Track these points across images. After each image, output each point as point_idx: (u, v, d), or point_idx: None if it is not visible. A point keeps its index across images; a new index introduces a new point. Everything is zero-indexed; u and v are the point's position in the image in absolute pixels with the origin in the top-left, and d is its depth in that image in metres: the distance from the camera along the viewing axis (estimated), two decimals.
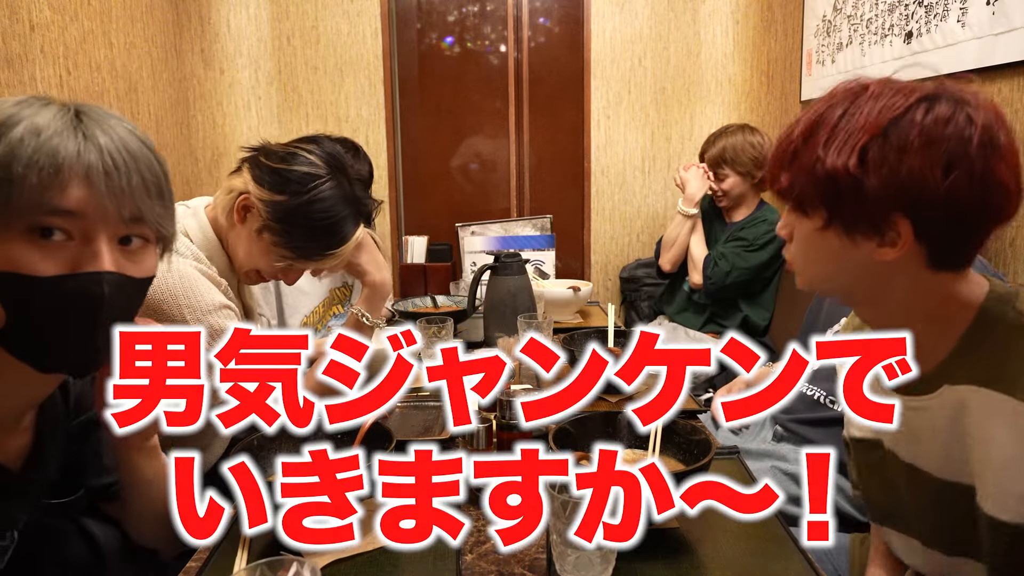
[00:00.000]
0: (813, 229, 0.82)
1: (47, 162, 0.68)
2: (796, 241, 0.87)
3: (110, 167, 0.71)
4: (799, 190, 0.80)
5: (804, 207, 0.82)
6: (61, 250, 0.71)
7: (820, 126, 0.81)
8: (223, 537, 0.95)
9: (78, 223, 0.71)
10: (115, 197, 0.72)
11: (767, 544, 0.93)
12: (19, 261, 0.69)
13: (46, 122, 0.70)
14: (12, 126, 0.69)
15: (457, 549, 0.91)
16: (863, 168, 0.75)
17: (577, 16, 3.24)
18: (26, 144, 0.68)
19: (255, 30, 3.15)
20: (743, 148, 2.47)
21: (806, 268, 0.87)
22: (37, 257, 0.69)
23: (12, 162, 0.68)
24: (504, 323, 1.83)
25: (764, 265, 2.44)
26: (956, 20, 1.71)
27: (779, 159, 0.84)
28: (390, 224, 3.33)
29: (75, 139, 0.70)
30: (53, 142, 0.69)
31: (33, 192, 0.68)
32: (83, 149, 0.70)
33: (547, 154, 3.37)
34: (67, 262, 0.71)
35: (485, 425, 1.04)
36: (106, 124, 0.74)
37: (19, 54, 1.81)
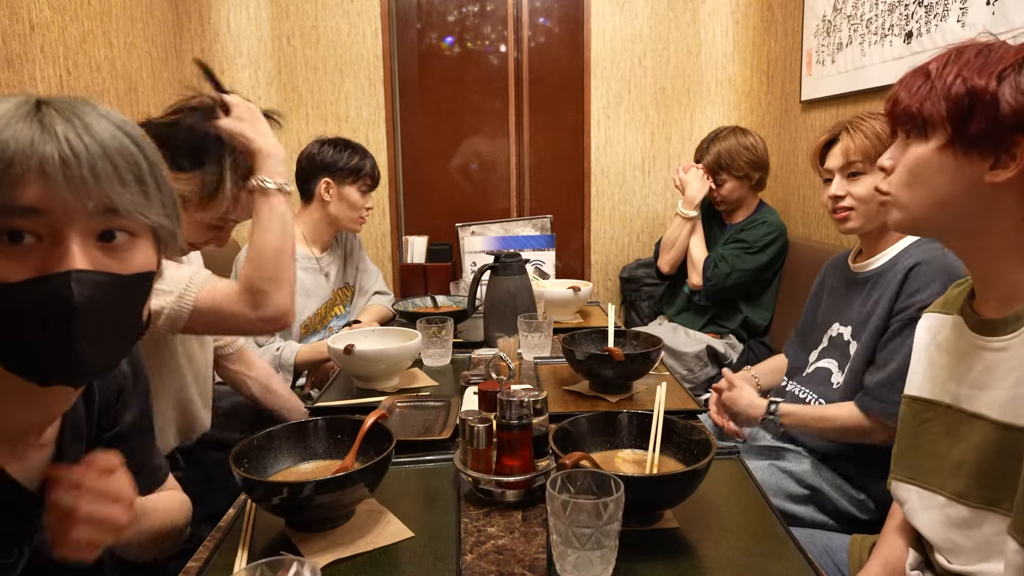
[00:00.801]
0: (931, 150, 0.88)
1: (10, 160, 0.63)
2: (903, 168, 0.92)
3: (68, 156, 0.64)
4: (929, 110, 0.87)
5: (927, 128, 0.88)
6: (31, 253, 0.65)
7: (957, 59, 0.88)
8: (223, 537, 0.95)
9: (43, 221, 0.65)
10: (77, 189, 0.65)
11: (767, 544, 0.93)
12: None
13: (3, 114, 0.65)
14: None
15: (457, 549, 0.91)
16: (1000, 87, 0.83)
17: (577, 16, 3.24)
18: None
19: (255, 30, 3.15)
20: (738, 152, 2.47)
21: (912, 195, 0.91)
22: (4, 262, 0.64)
23: None
24: (504, 323, 1.83)
25: (764, 267, 2.44)
26: (956, 20, 1.71)
27: (909, 86, 0.91)
28: (390, 224, 3.33)
29: (28, 130, 0.64)
30: (3, 136, 0.63)
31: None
32: (37, 140, 0.64)
33: (547, 154, 3.37)
34: (36, 265, 0.65)
35: (485, 425, 1.04)
36: (69, 112, 0.67)
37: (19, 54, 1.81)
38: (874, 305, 1.47)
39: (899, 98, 0.92)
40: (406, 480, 1.12)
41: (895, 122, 0.94)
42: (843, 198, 1.54)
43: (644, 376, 1.49)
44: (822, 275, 1.76)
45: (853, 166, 1.52)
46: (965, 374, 0.95)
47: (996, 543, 0.88)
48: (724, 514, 1.01)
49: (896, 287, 1.42)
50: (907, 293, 1.40)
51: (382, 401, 1.44)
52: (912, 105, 0.89)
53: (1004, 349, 0.89)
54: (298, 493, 0.88)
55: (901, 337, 1.39)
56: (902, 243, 1.51)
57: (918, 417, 1.03)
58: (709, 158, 2.51)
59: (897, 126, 0.94)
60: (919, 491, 1.00)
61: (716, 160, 2.49)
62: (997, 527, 0.88)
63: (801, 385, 1.65)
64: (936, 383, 1.00)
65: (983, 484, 0.90)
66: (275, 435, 1.05)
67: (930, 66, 0.90)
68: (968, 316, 0.96)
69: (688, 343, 2.44)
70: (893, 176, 0.94)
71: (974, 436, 0.92)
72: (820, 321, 1.69)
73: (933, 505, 0.97)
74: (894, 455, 1.07)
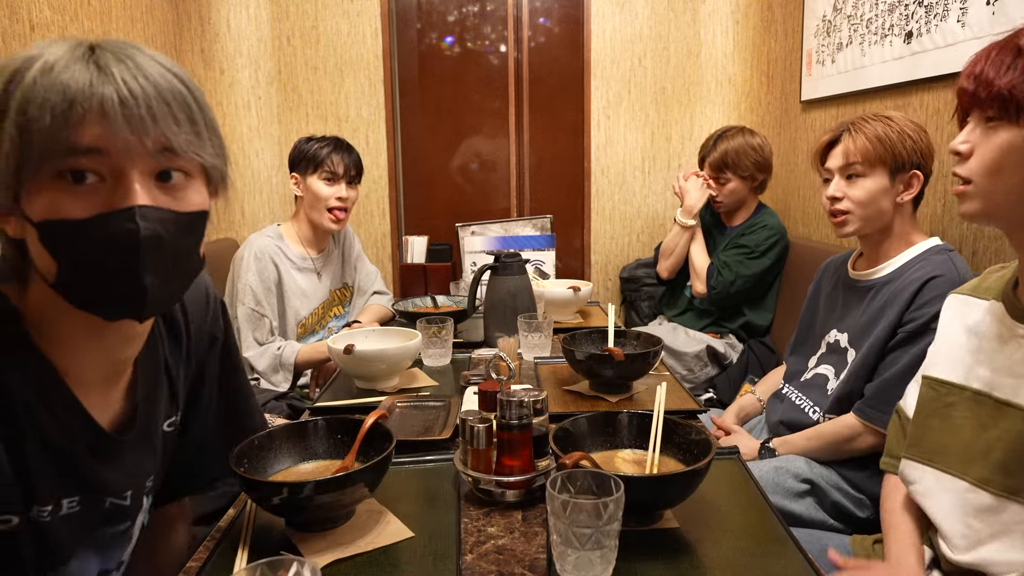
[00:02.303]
0: (1023, 136, 0.83)
1: (57, 99, 0.64)
2: (984, 153, 0.87)
3: (126, 96, 0.66)
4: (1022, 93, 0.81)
5: (1020, 111, 0.82)
6: (94, 192, 0.68)
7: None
8: (223, 537, 0.95)
9: (105, 161, 0.67)
10: (136, 128, 0.67)
11: (767, 544, 0.93)
12: (55, 207, 0.67)
13: (57, 57, 0.66)
14: (26, 69, 0.66)
15: (457, 549, 0.91)
16: None
17: (577, 16, 3.24)
18: (37, 85, 0.65)
19: (255, 30, 3.15)
20: (745, 152, 2.45)
21: (993, 182, 0.86)
22: (70, 200, 0.67)
23: (27, 106, 0.65)
24: (504, 323, 1.83)
25: (767, 271, 2.44)
26: (956, 20, 1.71)
27: (997, 63, 0.84)
28: (390, 224, 3.33)
29: (86, 72, 0.66)
30: (62, 78, 0.65)
31: (49, 133, 0.65)
32: (95, 81, 0.66)
33: (547, 154, 3.37)
34: (101, 203, 0.68)
35: (485, 425, 1.04)
36: (123, 53, 0.69)
37: None
38: (878, 315, 1.46)
39: (986, 76, 0.84)
40: (406, 480, 1.12)
41: (976, 103, 0.86)
42: (840, 200, 1.53)
43: (644, 376, 1.49)
44: (818, 278, 1.76)
45: (852, 168, 1.51)
46: (1001, 362, 0.92)
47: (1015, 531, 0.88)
48: (724, 514, 1.01)
49: (908, 299, 1.40)
50: (917, 305, 1.39)
51: (382, 401, 1.44)
52: (1003, 86, 0.82)
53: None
54: (298, 493, 0.88)
55: (906, 347, 1.39)
56: (907, 253, 1.50)
57: (941, 400, 1.00)
58: (716, 155, 2.49)
59: (976, 107, 0.87)
60: (936, 473, 0.98)
61: (722, 158, 2.47)
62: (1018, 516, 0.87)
63: (799, 391, 1.65)
64: (964, 367, 0.98)
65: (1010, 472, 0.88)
66: (275, 435, 1.05)
67: (1020, 41, 0.83)
68: (1011, 304, 0.93)
69: (688, 343, 2.43)
70: (973, 162, 0.87)
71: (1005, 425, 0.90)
72: (817, 326, 1.69)
73: (951, 488, 0.96)
74: (909, 434, 1.06)
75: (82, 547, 0.82)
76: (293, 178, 2.15)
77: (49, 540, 0.77)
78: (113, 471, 0.83)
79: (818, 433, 1.51)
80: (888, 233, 1.53)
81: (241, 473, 0.92)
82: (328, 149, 2.11)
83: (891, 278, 1.49)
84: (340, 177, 2.13)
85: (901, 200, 1.50)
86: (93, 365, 0.80)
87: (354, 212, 3.18)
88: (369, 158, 3.21)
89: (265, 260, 2.05)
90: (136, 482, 0.87)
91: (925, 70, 1.84)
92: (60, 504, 0.77)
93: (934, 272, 1.40)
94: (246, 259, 2.03)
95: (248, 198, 3.23)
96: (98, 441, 0.80)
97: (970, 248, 1.68)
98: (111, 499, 0.84)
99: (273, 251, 2.08)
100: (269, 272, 2.05)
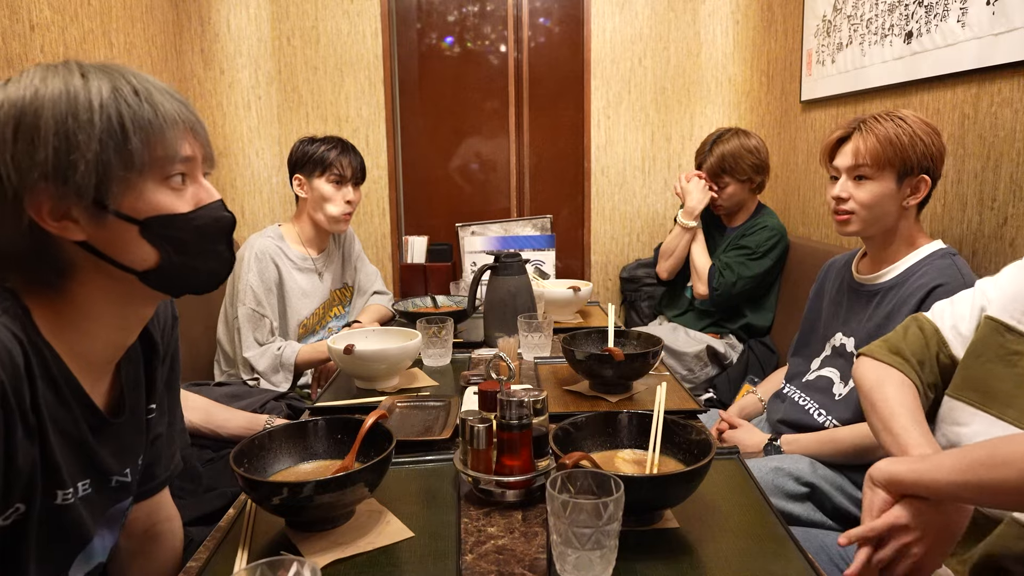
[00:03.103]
0: None
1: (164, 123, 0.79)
2: None
3: (198, 121, 0.85)
4: None
5: None
6: (185, 191, 0.83)
7: None
8: (223, 537, 0.95)
9: (191, 167, 0.84)
10: (204, 143, 0.86)
11: (767, 544, 0.93)
12: (163, 205, 0.80)
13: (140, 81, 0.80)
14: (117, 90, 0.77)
15: (457, 549, 0.91)
16: None
17: (577, 16, 3.24)
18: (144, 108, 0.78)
19: (255, 30, 3.15)
20: (741, 155, 2.44)
21: None
22: (174, 199, 0.81)
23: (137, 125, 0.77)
24: (504, 323, 1.83)
25: (768, 271, 2.44)
26: (956, 20, 1.71)
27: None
28: (390, 224, 3.33)
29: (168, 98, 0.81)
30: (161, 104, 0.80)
31: (166, 148, 0.79)
32: (178, 105, 0.82)
33: (547, 154, 3.37)
34: (193, 199, 0.84)
35: (485, 425, 1.04)
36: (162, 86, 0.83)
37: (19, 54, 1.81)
38: (884, 322, 1.45)
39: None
40: (406, 480, 1.12)
41: None
42: (846, 200, 1.51)
43: (644, 376, 1.49)
44: (821, 279, 1.75)
45: (860, 169, 1.49)
46: None
47: None
48: (724, 514, 1.01)
49: (914, 307, 1.40)
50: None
51: (382, 401, 1.44)
52: None
53: None
54: (298, 493, 0.88)
55: None
56: (911, 256, 1.49)
57: (1007, 347, 0.98)
58: (712, 160, 2.47)
59: None
60: (989, 419, 0.96)
61: (720, 163, 2.46)
62: None
63: (801, 391, 1.65)
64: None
65: None
66: (275, 435, 1.05)
67: None
68: None
69: (688, 343, 2.43)
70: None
71: None
72: (821, 328, 1.68)
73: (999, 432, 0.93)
74: (961, 375, 1.03)
75: (99, 525, 0.89)
76: (297, 179, 2.14)
77: (76, 522, 0.85)
78: (113, 452, 0.90)
79: (833, 438, 1.50)
80: (892, 235, 1.52)
81: (241, 473, 0.92)
82: (336, 152, 2.11)
83: (896, 283, 1.48)
84: (348, 179, 2.13)
85: (907, 204, 1.49)
86: (102, 353, 0.87)
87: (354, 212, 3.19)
88: (369, 158, 3.20)
89: (266, 260, 2.05)
90: (132, 460, 0.94)
91: (925, 70, 1.84)
92: (77, 488, 0.84)
93: (939, 280, 1.39)
94: (247, 259, 2.03)
95: (248, 198, 3.23)
96: (100, 425, 0.87)
97: (970, 248, 1.68)
98: (116, 477, 0.91)
99: (274, 251, 2.08)
100: (270, 272, 2.05)
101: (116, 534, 0.95)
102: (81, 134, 0.74)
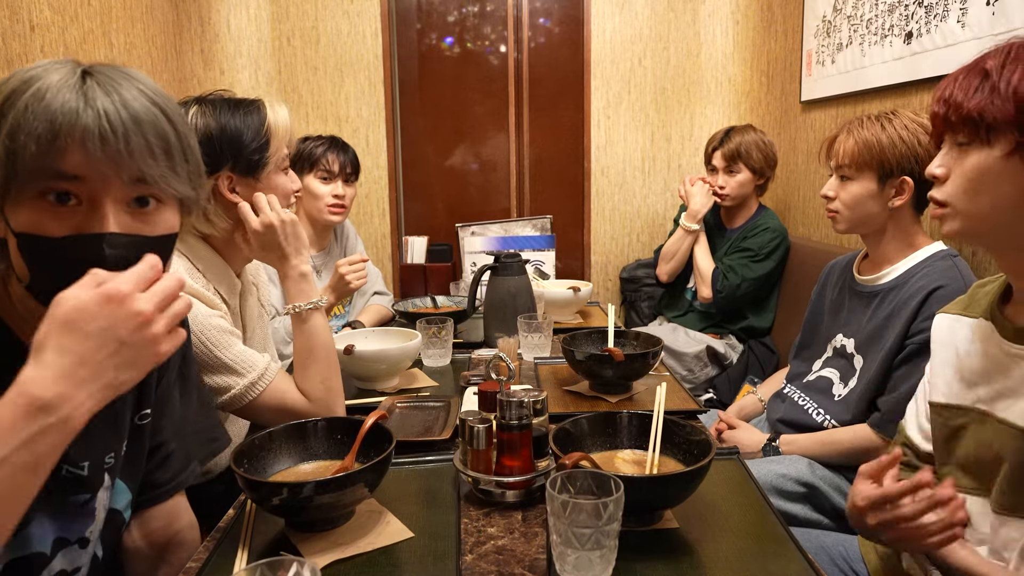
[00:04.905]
0: (995, 157, 0.82)
1: (44, 129, 0.71)
2: (961, 176, 0.86)
3: (106, 131, 0.72)
4: (994, 114, 0.81)
5: (990, 133, 0.82)
6: (72, 213, 0.74)
7: (1018, 57, 0.81)
8: (223, 537, 0.95)
9: (82, 187, 0.74)
10: (113, 161, 0.73)
11: (767, 544, 0.93)
12: (34, 222, 0.73)
13: (48, 85, 0.72)
14: (22, 93, 0.72)
15: (457, 549, 0.91)
16: None
17: (577, 16, 3.24)
18: (28, 111, 0.71)
19: (255, 30, 3.15)
20: (757, 146, 2.47)
21: (972, 204, 0.86)
22: (48, 219, 0.73)
23: (17, 131, 0.71)
24: (504, 323, 1.83)
25: (770, 273, 2.45)
26: (956, 20, 1.71)
27: (965, 87, 0.84)
28: (390, 224, 3.33)
29: (74, 103, 0.72)
30: (52, 107, 0.71)
31: (34, 159, 0.71)
32: (81, 113, 0.72)
33: (547, 154, 3.37)
34: (75, 224, 0.74)
35: (485, 425, 1.04)
36: (111, 85, 0.75)
37: (19, 54, 1.81)
38: (885, 323, 1.46)
39: (955, 100, 0.84)
40: (406, 480, 1.12)
41: (948, 127, 0.86)
42: (832, 199, 1.55)
43: (644, 376, 1.49)
44: (822, 280, 1.75)
45: (842, 169, 1.53)
46: (997, 381, 0.92)
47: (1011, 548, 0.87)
48: (724, 514, 1.01)
49: (914, 309, 1.40)
50: (924, 316, 1.38)
51: (382, 401, 1.44)
52: (972, 109, 0.82)
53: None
54: (298, 493, 0.88)
55: (916, 360, 1.38)
56: (911, 258, 1.50)
57: (949, 424, 0.99)
58: (730, 146, 2.48)
59: (950, 131, 0.87)
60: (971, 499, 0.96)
61: (736, 149, 2.47)
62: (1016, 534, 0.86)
63: (801, 392, 1.65)
64: (964, 387, 0.97)
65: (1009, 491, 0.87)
66: (275, 435, 1.05)
67: (987, 64, 0.83)
68: (1000, 323, 0.93)
69: (688, 343, 2.44)
70: (948, 185, 0.87)
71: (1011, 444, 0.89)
72: (823, 330, 1.68)
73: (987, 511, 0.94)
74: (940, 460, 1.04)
75: (39, 513, 0.84)
76: None
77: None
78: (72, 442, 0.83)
79: (832, 439, 1.50)
80: (883, 235, 1.53)
81: (241, 473, 0.92)
82: (323, 148, 2.15)
83: (896, 284, 1.49)
84: (336, 175, 2.16)
85: (892, 205, 1.50)
86: None
87: (354, 212, 3.19)
88: (369, 158, 3.21)
89: None
90: (94, 454, 0.89)
91: (925, 70, 1.84)
92: None
93: (939, 282, 1.39)
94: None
95: None
96: None
97: (970, 249, 1.68)
98: (68, 467, 0.86)
99: None
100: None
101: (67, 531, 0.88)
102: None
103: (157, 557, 1.04)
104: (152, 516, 1.03)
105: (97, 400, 0.70)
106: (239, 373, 1.23)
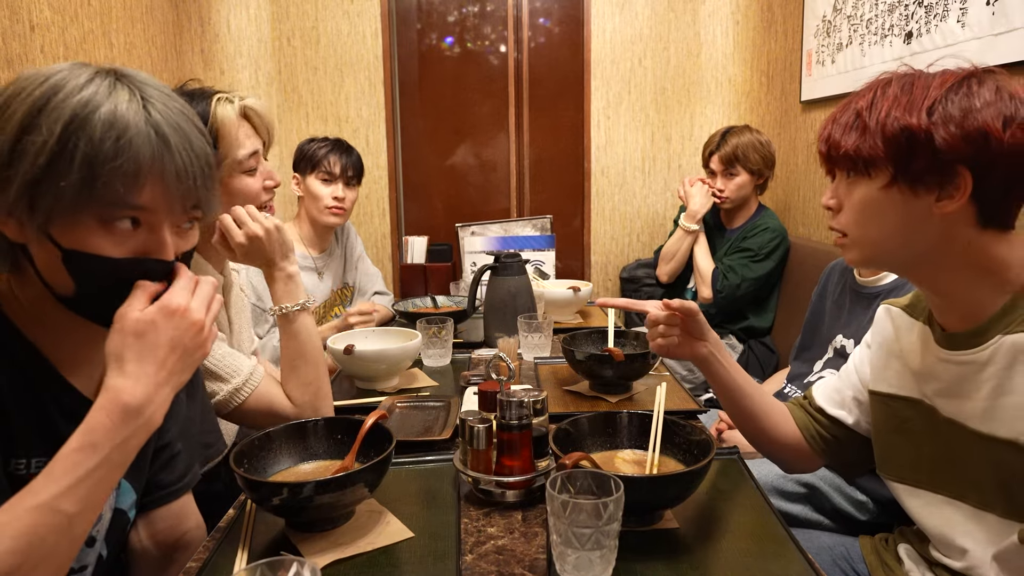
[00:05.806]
0: (876, 188, 0.88)
1: (131, 169, 0.74)
2: (851, 207, 0.92)
3: (181, 170, 0.78)
4: (868, 150, 0.87)
5: (868, 168, 0.88)
6: (130, 237, 0.78)
7: (883, 95, 0.87)
8: (223, 537, 0.95)
9: (147, 215, 0.78)
10: (182, 195, 0.79)
11: (767, 544, 0.93)
12: (91, 242, 0.76)
13: (122, 115, 0.74)
14: (90, 114, 0.73)
15: (457, 549, 0.91)
16: (933, 123, 0.82)
17: (577, 16, 3.24)
18: (107, 144, 0.73)
19: (255, 31, 3.15)
20: (755, 147, 2.47)
21: (863, 232, 0.92)
22: (106, 240, 0.76)
23: (97, 164, 0.73)
24: (504, 323, 1.83)
25: (770, 273, 2.45)
26: (956, 20, 1.71)
27: (844, 125, 0.90)
28: (390, 224, 3.33)
29: (155, 142, 0.76)
30: (137, 145, 0.74)
31: (114, 192, 0.74)
32: (164, 155, 0.76)
33: (547, 154, 3.37)
34: (134, 246, 0.78)
35: (485, 425, 1.04)
36: (171, 115, 0.78)
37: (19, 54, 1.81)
38: None
39: (834, 140, 0.91)
40: (406, 480, 1.12)
41: (833, 163, 0.93)
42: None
43: (644, 376, 1.49)
44: (823, 281, 1.75)
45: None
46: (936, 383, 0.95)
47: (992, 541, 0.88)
48: (724, 514, 1.01)
49: None
50: None
51: (382, 401, 1.44)
52: (849, 148, 0.88)
53: (972, 362, 0.89)
54: (298, 493, 0.88)
55: None
56: None
57: (896, 415, 1.02)
58: (727, 149, 2.48)
59: (836, 167, 0.93)
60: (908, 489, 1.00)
61: (733, 151, 2.47)
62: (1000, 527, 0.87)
63: (801, 392, 1.65)
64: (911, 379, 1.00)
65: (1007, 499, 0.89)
66: (275, 435, 1.05)
67: (858, 104, 0.89)
68: (935, 329, 0.97)
69: None
70: (842, 216, 0.93)
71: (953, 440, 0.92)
72: (824, 331, 1.68)
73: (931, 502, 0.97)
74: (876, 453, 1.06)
75: None
76: (294, 178, 2.20)
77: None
78: None
79: None
80: None
81: (241, 473, 0.92)
82: (326, 150, 2.16)
83: (897, 285, 1.49)
84: (337, 177, 2.16)
85: None
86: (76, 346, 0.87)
87: (354, 212, 3.19)
88: (369, 158, 3.21)
89: None
90: None
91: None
92: (31, 463, 0.83)
93: None
94: None
95: None
96: (77, 407, 0.84)
97: None
98: None
99: None
100: None
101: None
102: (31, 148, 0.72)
103: (164, 558, 1.04)
104: (159, 517, 1.03)
105: (168, 400, 0.78)
106: (223, 379, 1.22)
